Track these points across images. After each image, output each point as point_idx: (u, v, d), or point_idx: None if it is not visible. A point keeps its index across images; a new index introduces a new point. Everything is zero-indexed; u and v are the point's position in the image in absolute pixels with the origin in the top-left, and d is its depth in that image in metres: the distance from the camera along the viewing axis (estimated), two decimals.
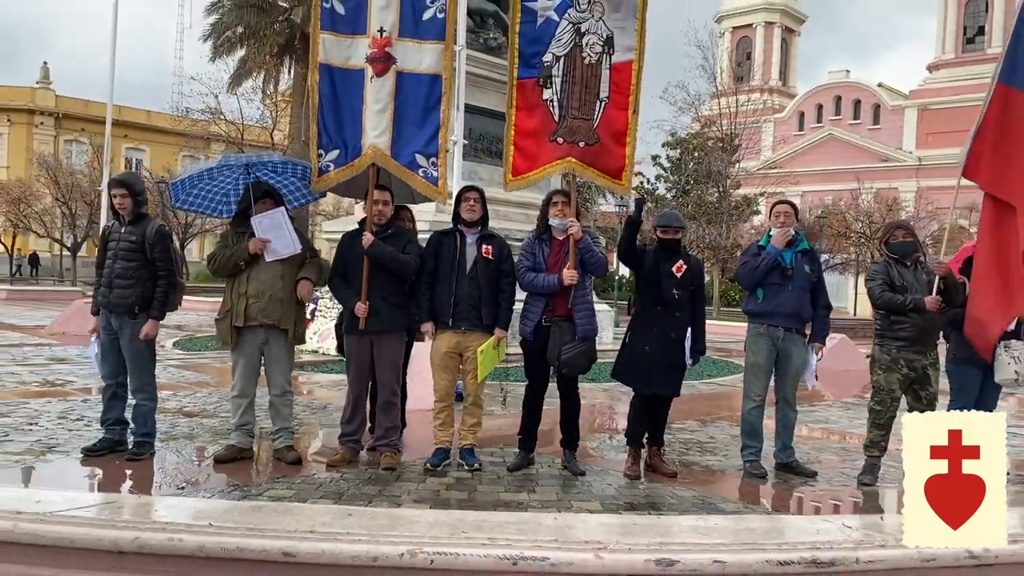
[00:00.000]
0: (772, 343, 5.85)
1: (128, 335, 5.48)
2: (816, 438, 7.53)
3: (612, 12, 5.56)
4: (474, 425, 5.76)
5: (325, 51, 5.59)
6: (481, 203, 5.68)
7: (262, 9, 34.49)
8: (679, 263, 5.74)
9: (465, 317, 5.53)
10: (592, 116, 5.63)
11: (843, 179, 44.82)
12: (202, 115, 36.36)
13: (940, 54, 50.10)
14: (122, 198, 5.47)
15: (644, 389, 5.71)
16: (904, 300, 5.56)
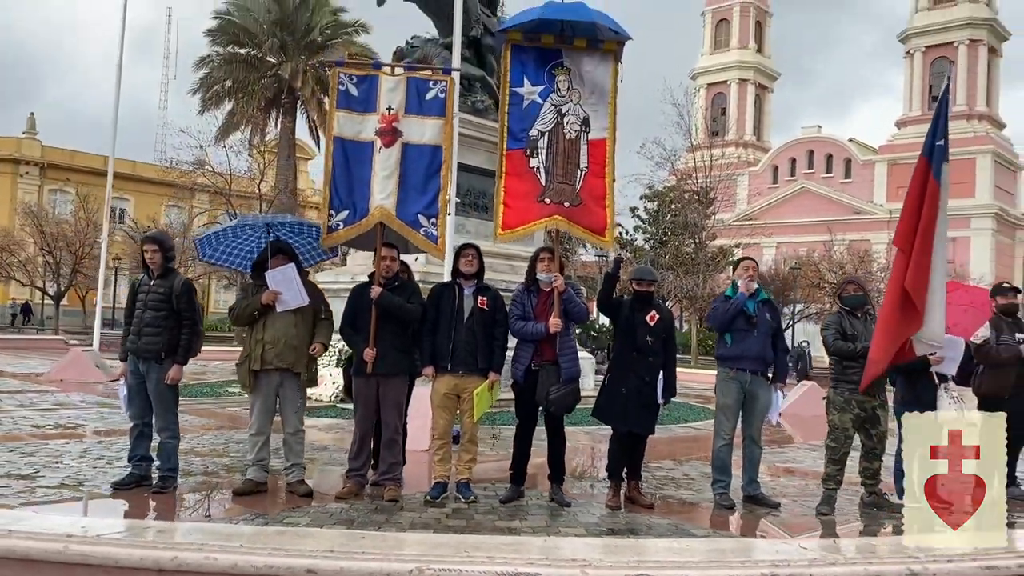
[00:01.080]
0: (740, 386, 6.49)
1: (155, 379, 6.02)
2: (783, 475, 8.14)
3: (588, 97, 6.34)
4: (470, 461, 6.32)
5: (339, 126, 6.28)
6: (478, 258, 6.33)
7: (251, 64, 35.50)
8: (652, 313, 6.40)
9: (462, 362, 6.13)
10: (574, 182, 6.33)
11: (816, 231, 46.10)
12: (190, 166, 36.99)
13: (907, 111, 52.04)
14: (153, 253, 6.07)
15: (621, 427, 6.32)
16: (854, 348, 6.25)
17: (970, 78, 49.62)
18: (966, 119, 49.13)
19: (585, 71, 6.38)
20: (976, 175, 48.17)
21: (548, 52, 6.36)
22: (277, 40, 34.85)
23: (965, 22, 49.57)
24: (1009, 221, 49.93)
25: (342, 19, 36.82)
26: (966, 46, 49.88)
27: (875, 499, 6.55)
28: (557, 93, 6.38)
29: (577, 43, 6.34)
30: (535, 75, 6.37)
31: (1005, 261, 49.33)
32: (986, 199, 47.80)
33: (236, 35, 35.54)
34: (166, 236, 6.42)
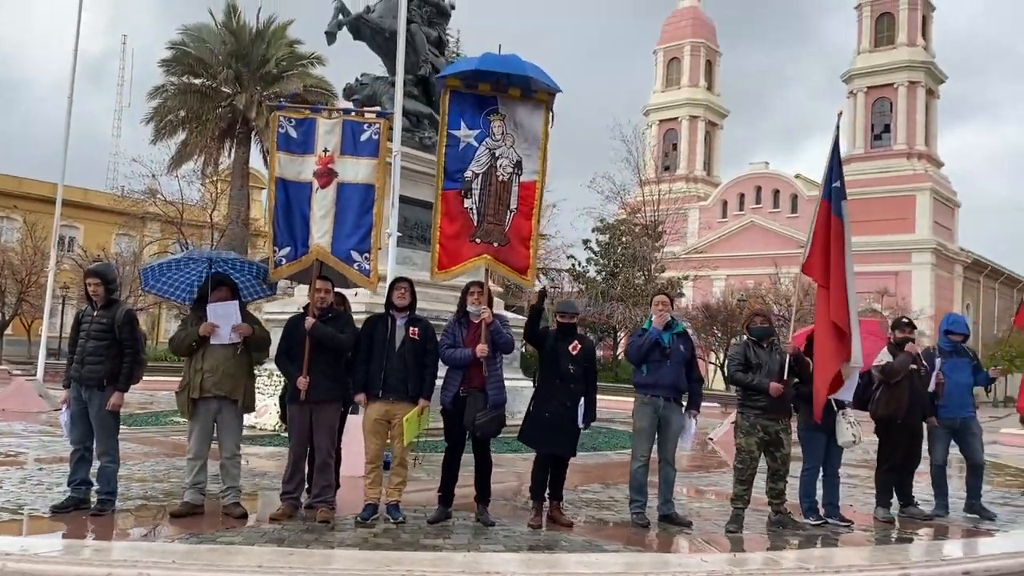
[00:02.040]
0: (655, 411, 6.93)
1: (97, 405, 6.28)
2: (704, 497, 8.58)
3: (521, 143, 6.84)
4: (400, 483, 6.65)
5: (281, 168, 6.67)
6: (410, 292, 6.72)
7: (205, 95, 35.59)
8: (575, 343, 6.84)
9: (393, 389, 6.49)
10: (504, 222, 6.80)
11: (763, 264, 47.21)
12: (141, 195, 36.83)
13: (851, 149, 53.63)
14: (96, 286, 6.35)
15: (544, 450, 6.73)
16: (752, 380, 6.76)
17: (909, 118, 51.50)
18: (906, 158, 50.92)
19: (519, 118, 6.88)
20: (916, 211, 49.81)
21: (485, 99, 6.85)
22: (232, 71, 35.02)
23: (904, 65, 51.52)
24: (948, 256, 51.61)
25: (298, 51, 37.16)
26: (905, 87, 51.78)
27: (781, 518, 7.01)
28: (492, 137, 6.85)
29: (512, 92, 6.84)
30: (472, 119, 6.85)
31: (944, 294, 50.93)
32: (926, 235, 49.40)
33: (191, 65, 35.65)
34: (108, 269, 6.70)
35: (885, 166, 50.83)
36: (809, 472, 7.31)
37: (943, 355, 8.12)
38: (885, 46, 52.75)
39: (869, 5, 53.18)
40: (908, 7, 52.01)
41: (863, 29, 53.62)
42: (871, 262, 49.17)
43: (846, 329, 6.72)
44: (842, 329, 6.74)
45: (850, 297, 6.80)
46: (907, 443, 7.70)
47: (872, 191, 50.16)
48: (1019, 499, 9.68)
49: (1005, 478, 11.96)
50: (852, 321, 6.74)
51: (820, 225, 7.03)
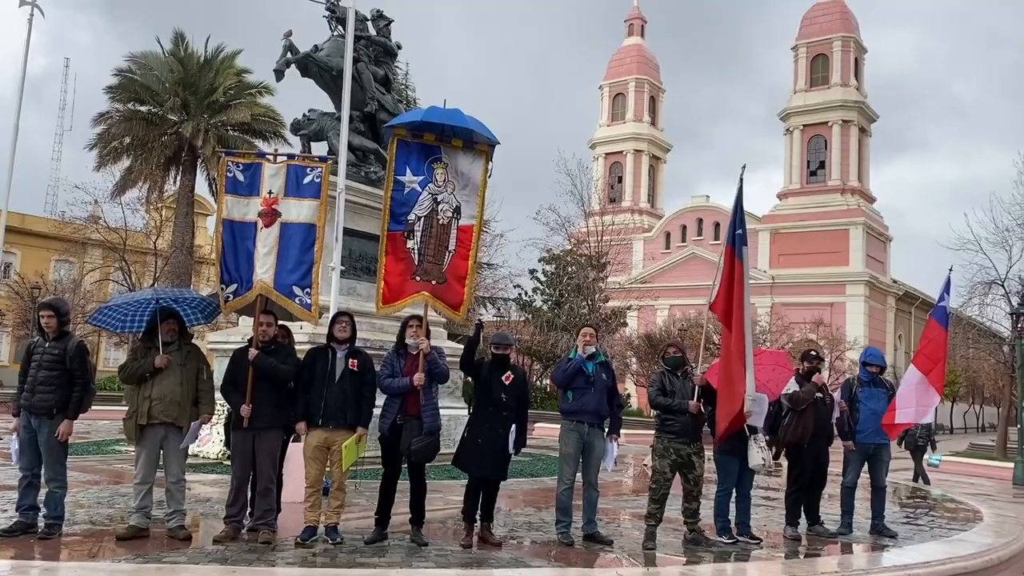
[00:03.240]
0: (580, 436, 7.44)
1: (46, 432, 6.55)
2: (627, 518, 9.09)
3: (460, 190, 7.39)
4: (338, 507, 7.02)
5: (228, 209, 7.09)
6: (351, 325, 7.14)
7: (151, 122, 35.44)
8: (508, 373, 7.33)
9: (333, 417, 6.88)
10: (442, 262, 7.31)
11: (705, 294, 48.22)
12: (83, 221, 36.45)
13: (788, 184, 55.54)
14: (49, 318, 6.65)
15: (476, 474, 7.17)
16: (672, 403, 7.32)
17: (843, 155, 53.59)
18: (840, 193, 52.90)
19: (460, 167, 7.42)
20: (850, 245, 51.70)
21: (430, 148, 7.39)
22: (179, 99, 34.96)
23: (838, 104, 53.69)
24: (880, 288, 53.55)
25: (246, 80, 37.25)
26: (839, 126, 53.92)
27: (696, 536, 7.55)
28: (434, 183, 7.37)
29: (455, 142, 7.39)
30: (417, 166, 7.37)
31: (877, 325, 52.79)
32: (859, 267, 51.22)
33: (137, 92, 35.49)
34: (62, 302, 6.99)
35: (821, 201, 52.69)
36: (723, 493, 7.87)
37: (861, 384, 8.78)
38: (820, 86, 54.91)
39: (805, 46, 55.38)
40: (842, 49, 54.31)
41: (799, 69, 55.77)
42: (807, 293, 50.90)
43: (742, 364, 7.32)
44: (740, 364, 7.34)
45: (746, 334, 7.42)
46: (813, 466, 8.34)
47: (808, 225, 52.01)
48: (920, 519, 10.40)
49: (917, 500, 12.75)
50: (747, 356, 7.35)
51: (725, 269, 7.67)
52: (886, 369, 9.16)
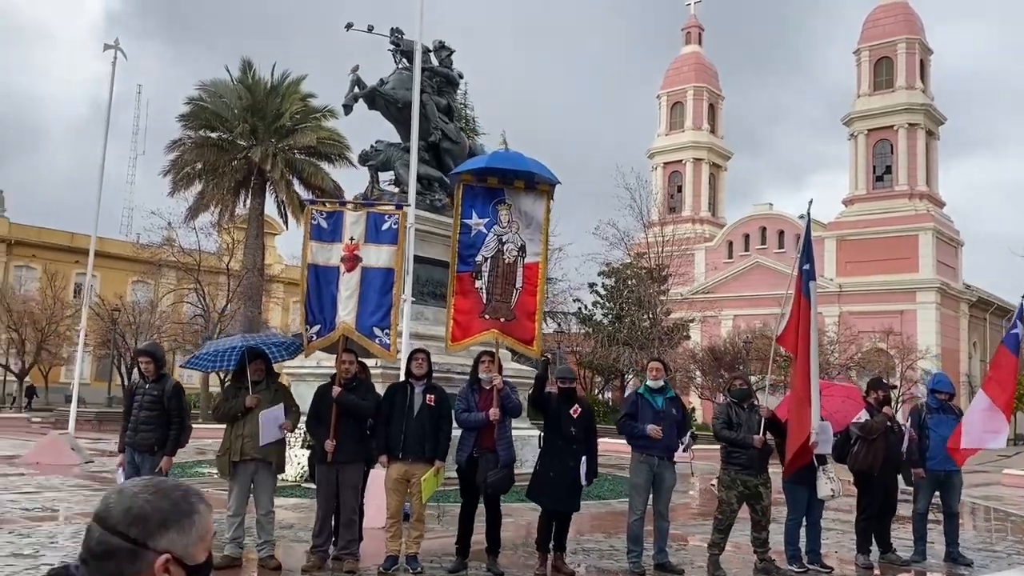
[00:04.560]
0: (649, 468, 7.63)
1: (148, 468, 7.04)
2: (697, 544, 9.22)
3: (524, 228, 7.69)
4: (418, 537, 7.35)
5: (312, 255, 7.51)
6: (427, 362, 7.48)
7: (221, 148, 36.76)
8: (576, 407, 7.57)
9: (412, 450, 7.22)
10: (510, 300, 7.61)
11: (770, 304, 47.74)
12: (160, 244, 37.86)
13: (854, 190, 54.50)
14: (147, 363, 7.17)
15: (549, 506, 7.42)
16: (737, 436, 7.47)
17: (910, 159, 52.41)
18: (907, 198, 51.72)
19: (523, 207, 7.72)
20: (919, 251, 50.51)
21: (493, 191, 7.71)
22: (248, 125, 36.19)
23: (903, 107, 52.53)
24: (952, 295, 52.14)
25: (311, 104, 38.36)
26: (905, 130, 52.77)
27: (766, 565, 7.67)
28: (499, 225, 7.69)
29: (517, 184, 7.70)
30: (482, 209, 7.70)
31: (950, 332, 51.39)
32: (929, 274, 49.99)
33: (208, 120, 36.86)
34: (157, 348, 7.52)
35: (887, 207, 51.57)
36: (792, 522, 7.97)
37: (930, 411, 8.78)
38: (884, 89, 53.83)
39: (868, 50, 54.37)
40: (906, 51, 53.18)
41: (862, 73, 54.75)
42: (876, 302, 49.77)
43: (807, 402, 7.42)
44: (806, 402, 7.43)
45: (812, 373, 7.50)
46: (883, 494, 8.37)
47: (875, 231, 50.94)
48: (998, 544, 10.28)
49: (993, 523, 12.54)
50: (813, 390, 7.43)
51: (794, 303, 7.79)
52: (954, 395, 9.12)
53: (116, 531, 1.43)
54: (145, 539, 1.43)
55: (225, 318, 35.37)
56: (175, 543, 1.45)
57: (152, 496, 1.46)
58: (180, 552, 1.45)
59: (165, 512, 1.46)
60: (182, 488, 1.51)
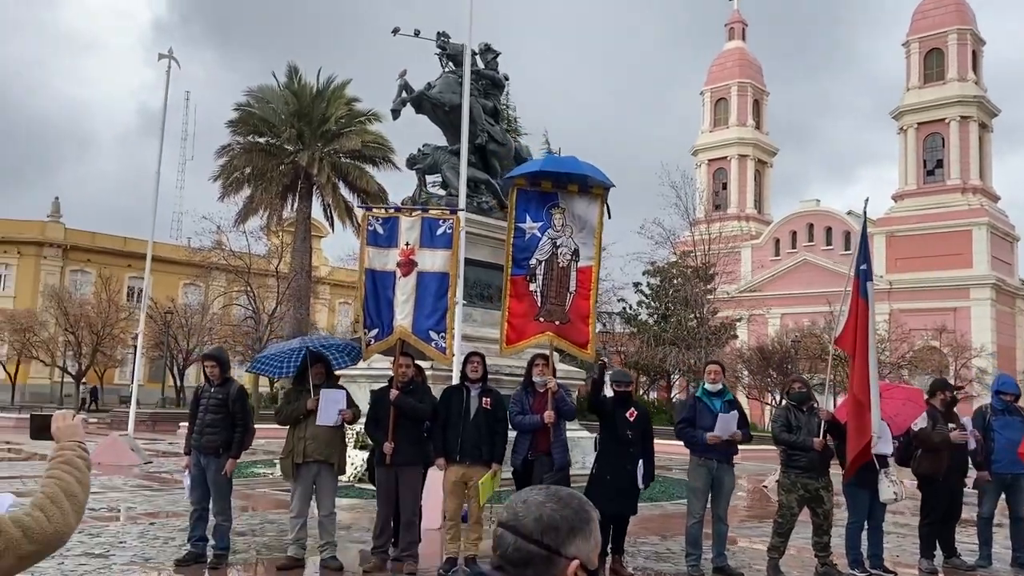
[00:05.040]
0: (708, 472, 7.59)
1: (213, 470, 7.20)
2: (755, 547, 9.14)
3: (578, 232, 7.68)
4: (476, 539, 7.40)
5: (369, 260, 7.61)
6: (482, 365, 7.53)
7: (269, 153, 37.36)
8: (631, 409, 7.57)
9: (469, 454, 7.28)
10: (564, 303, 7.61)
11: (818, 302, 47.01)
12: (210, 248, 38.58)
13: (903, 185, 53.44)
14: (212, 368, 7.33)
15: (606, 510, 7.40)
16: (796, 439, 7.38)
17: (963, 153, 51.20)
18: (960, 192, 50.55)
19: (577, 210, 7.72)
20: (973, 247, 49.34)
21: (547, 195, 7.72)
22: (295, 130, 36.75)
23: (955, 100, 51.32)
24: (1008, 291, 50.82)
25: (356, 109, 38.78)
26: (957, 122, 51.55)
27: (827, 569, 7.57)
28: (553, 228, 7.70)
29: (571, 188, 7.70)
30: (536, 213, 7.72)
31: (1005, 330, 50.10)
32: (984, 270, 48.78)
33: (256, 126, 37.48)
34: (223, 353, 7.69)
35: (939, 201, 50.44)
36: (854, 526, 7.85)
37: (995, 413, 8.57)
38: (935, 81, 52.67)
39: (917, 42, 53.25)
40: (958, 43, 51.97)
41: (912, 65, 53.63)
42: (928, 299, 48.66)
43: (867, 405, 7.30)
44: (864, 404, 7.31)
45: (871, 375, 7.37)
46: (947, 499, 8.20)
47: (926, 227, 49.84)
48: None
49: None
50: (872, 397, 7.28)
51: (851, 303, 7.68)
52: (1020, 396, 8.90)
53: (532, 539, 1.55)
54: (558, 546, 1.55)
55: (275, 320, 35.91)
56: (581, 549, 1.57)
57: (557, 505, 1.59)
58: (585, 558, 1.57)
59: (571, 520, 1.58)
60: (577, 497, 1.64)
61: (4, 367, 44.37)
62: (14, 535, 1.94)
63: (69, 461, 2.19)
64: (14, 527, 1.95)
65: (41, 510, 2.03)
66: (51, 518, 2.02)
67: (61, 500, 2.08)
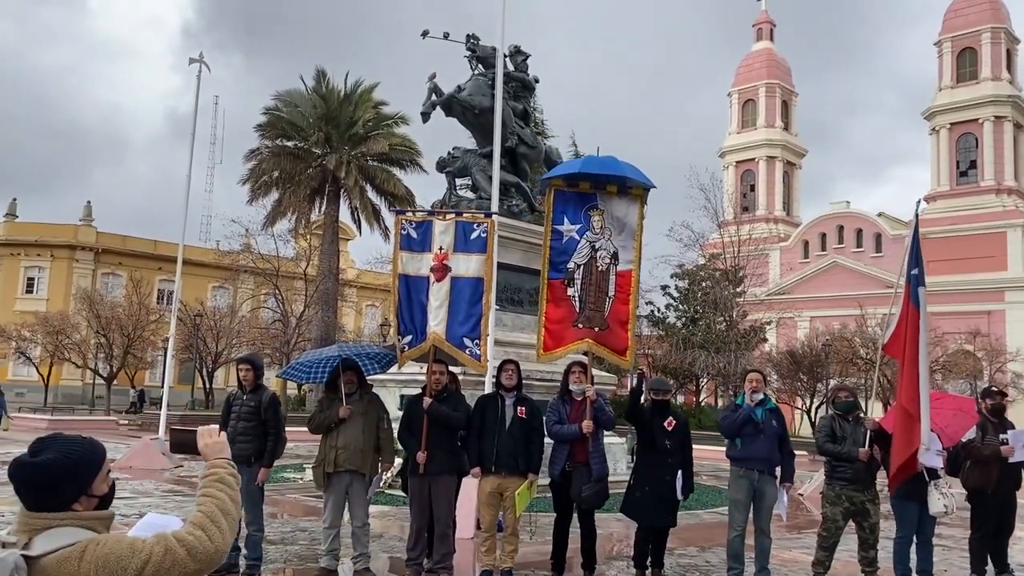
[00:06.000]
0: (750, 483, 7.36)
1: (245, 479, 7.05)
2: (797, 560, 8.89)
3: (617, 235, 7.48)
4: (512, 551, 7.24)
5: (403, 265, 7.47)
6: (517, 373, 7.37)
7: (297, 156, 37.48)
8: (670, 419, 7.37)
9: (505, 464, 7.11)
10: (603, 308, 7.42)
11: (848, 305, 46.37)
12: (240, 251, 38.78)
13: (936, 186, 52.63)
14: (246, 371, 7.21)
15: (645, 522, 7.23)
16: (841, 450, 7.14)
17: (997, 153, 50.29)
18: (995, 193, 49.67)
19: (616, 212, 7.52)
20: (1008, 248, 48.43)
21: (585, 196, 7.52)
22: (323, 133, 36.82)
23: (989, 99, 50.44)
24: None
25: (383, 112, 38.82)
26: (991, 123, 50.65)
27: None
28: (592, 231, 7.51)
29: (609, 189, 7.50)
30: (574, 215, 7.53)
31: None
32: (1019, 272, 47.85)
33: (284, 129, 37.63)
34: (257, 357, 7.59)
35: (972, 203, 49.59)
36: (902, 540, 7.58)
37: None
38: (967, 81, 51.85)
39: (950, 41, 52.43)
40: (991, 41, 51.10)
41: (944, 65, 52.80)
42: (960, 301, 47.74)
43: (915, 414, 7.01)
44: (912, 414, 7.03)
45: (922, 384, 7.09)
46: (998, 512, 7.91)
47: (959, 229, 48.99)
48: None
49: None
50: (923, 407, 6.99)
51: (902, 309, 7.42)
52: None
53: None
54: None
55: (302, 323, 35.98)
56: None
57: None
58: None
59: None
60: None
61: (37, 369, 44.93)
62: (180, 554, 2.06)
63: (222, 479, 2.33)
64: (180, 546, 2.07)
65: (202, 529, 2.15)
66: (212, 537, 2.14)
67: (219, 519, 2.20)
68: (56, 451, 2.20)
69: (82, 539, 2.08)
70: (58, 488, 2.16)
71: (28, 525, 2.13)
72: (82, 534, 2.11)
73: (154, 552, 2.05)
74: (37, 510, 2.14)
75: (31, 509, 2.15)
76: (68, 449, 2.21)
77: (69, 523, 2.14)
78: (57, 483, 2.16)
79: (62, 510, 2.15)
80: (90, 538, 2.09)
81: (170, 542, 2.07)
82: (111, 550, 2.04)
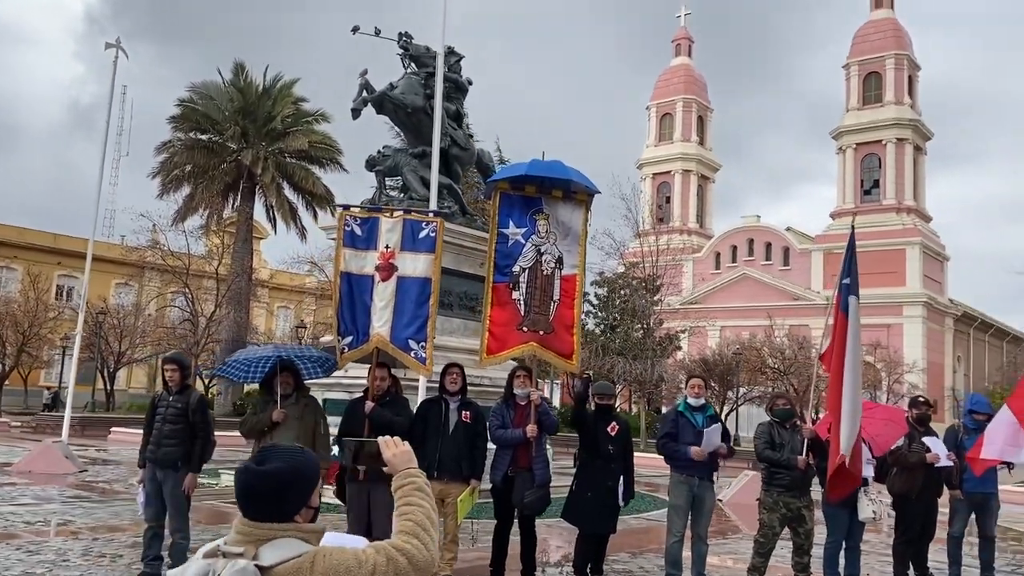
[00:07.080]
0: (689, 489, 7.39)
1: (171, 484, 6.70)
2: (726, 566, 8.99)
3: (562, 240, 7.41)
4: (451, 559, 7.06)
5: (345, 262, 7.21)
6: (462, 377, 7.20)
7: (212, 150, 36.33)
8: (613, 423, 7.33)
9: (447, 469, 6.94)
10: (548, 312, 7.32)
11: (758, 316, 47.84)
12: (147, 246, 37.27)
13: (841, 203, 54.79)
14: (173, 372, 6.82)
15: (587, 528, 7.16)
16: (780, 457, 7.23)
17: (898, 174, 52.74)
18: (895, 212, 52.04)
19: (561, 217, 7.45)
20: (906, 265, 50.80)
21: (531, 200, 7.43)
22: (239, 127, 35.78)
23: (892, 122, 52.87)
24: (938, 309, 52.46)
25: (303, 108, 38.03)
26: (894, 144, 53.11)
27: None
28: (537, 235, 7.42)
29: (555, 193, 7.43)
30: (519, 218, 7.42)
31: (935, 347, 51.67)
32: (916, 288, 50.27)
33: (198, 122, 36.44)
34: (184, 357, 7.20)
35: (875, 220, 51.80)
36: (832, 545, 7.73)
37: (967, 432, 8.57)
38: (873, 104, 54.20)
39: (857, 65, 54.74)
40: (895, 67, 53.57)
41: (851, 87, 55.11)
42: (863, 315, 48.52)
43: (834, 416, 7.13)
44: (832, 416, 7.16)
45: (847, 385, 7.18)
46: (922, 517, 8.16)
47: (863, 245, 50.65)
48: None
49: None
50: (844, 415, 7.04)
51: (835, 317, 7.59)
52: (992, 416, 8.92)
53: None
54: None
55: (213, 323, 34.75)
56: None
57: None
58: None
59: None
60: None
61: None
62: (402, 563, 2.12)
63: (421, 488, 2.38)
64: (400, 555, 2.13)
65: (416, 538, 2.21)
66: (427, 545, 2.21)
67: (428, 527, 2.26)
68: (282, 460, 2.17)
69: (305, 551, 2.10)
70: (285, 498, 2.15)
71: (251, 535, 2.11)
72: (303, 546, 2.11)
73: (378, 563, 2.10)
74: (259, 519, 2.12)
75: (252, 518, 2.13)
76: (293, 459, 2.20)
77: (292, 534, 2.13)
78: (285, 493, 2.15)
79: (286, 520, 2.14)
80: (316, 549, 2.11)
81: (391, 552, 2.13)
82: (339, 561, 2.08)
